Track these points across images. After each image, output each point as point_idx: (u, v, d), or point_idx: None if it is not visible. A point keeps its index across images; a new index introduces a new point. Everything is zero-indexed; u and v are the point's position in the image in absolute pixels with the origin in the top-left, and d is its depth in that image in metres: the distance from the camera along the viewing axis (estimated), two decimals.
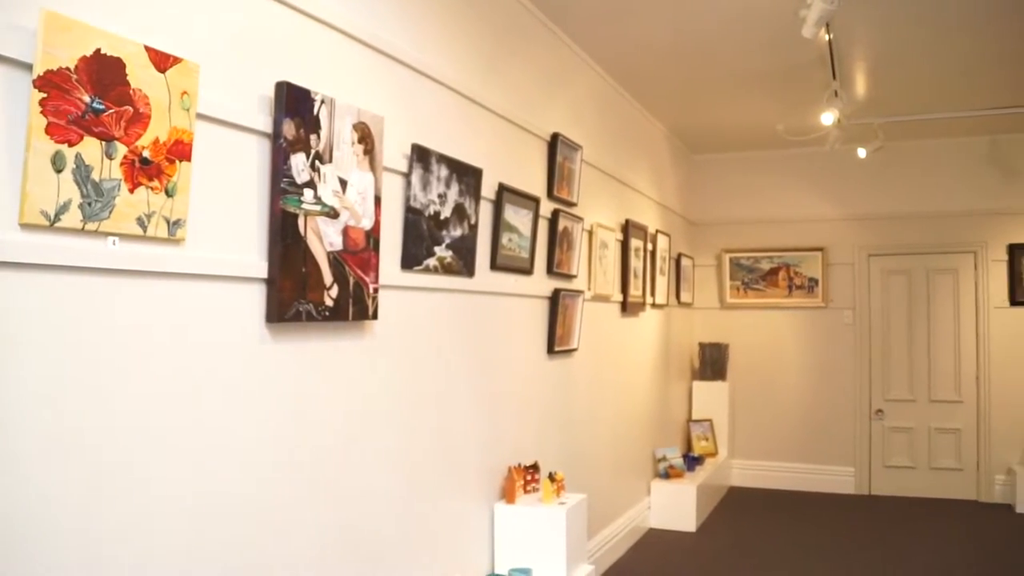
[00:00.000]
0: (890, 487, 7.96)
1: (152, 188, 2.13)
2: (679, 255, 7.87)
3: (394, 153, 3.21)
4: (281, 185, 2.56)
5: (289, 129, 2.59)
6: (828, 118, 5.87)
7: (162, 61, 2.14)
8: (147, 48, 2.10)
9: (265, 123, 2.55)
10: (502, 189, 4.07)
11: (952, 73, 5.79)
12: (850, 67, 5.64)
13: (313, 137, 2.69)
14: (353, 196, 2.89)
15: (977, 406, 7.74)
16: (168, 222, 2.19)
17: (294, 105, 2.61)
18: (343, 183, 2.83)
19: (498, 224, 4.06)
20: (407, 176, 3.30)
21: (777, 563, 5.72)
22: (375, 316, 3.02)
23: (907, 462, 7.93)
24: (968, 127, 7.37)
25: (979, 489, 7.69)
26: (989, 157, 7.73)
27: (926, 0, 4.51)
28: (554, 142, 4.76)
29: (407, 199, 3.30)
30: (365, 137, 2.94)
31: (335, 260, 2.79)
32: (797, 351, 8.31)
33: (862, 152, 6.96)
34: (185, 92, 2.21)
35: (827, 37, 4.82)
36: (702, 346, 8.28)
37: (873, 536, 6.43)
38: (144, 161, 2.11)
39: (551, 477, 4.23)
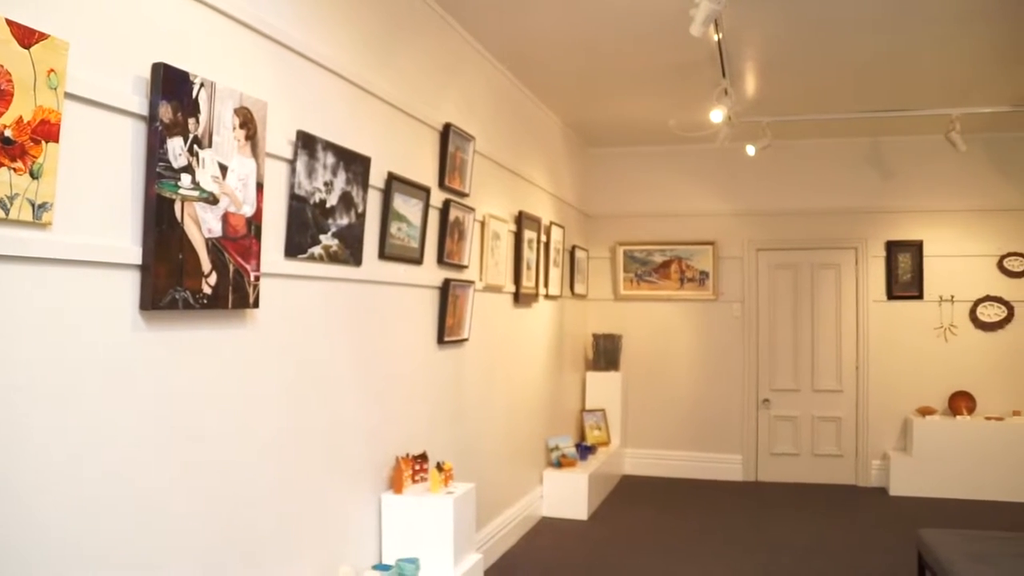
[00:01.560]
0: (776, 473, 8.25)
1: (15, 169, 2.06)
2: (573, 247, 7.96)
3: (278, 139, 3.16)
4: (157, 169, 2.50)
5: (166, 112, 2.52)
6: (717, 115, 6.03)
7: (26, 36, 2.06)
8: (9, 22, 2.02)
9: (141, 105, 2.48)
10: (391, 178, 4.05)
11: (837, 76, 6.02)
12: (739, 66, 5.80)
13: (192, 121, 2.63)
14: (234, 182, 2.83)
15: (856, 395, 8.09)
16: (33, 205, 2.11)
17: (171, 87, 2.55)
18: (223, 168, 2.78)
19: (387, 213, 4.04)
20: (292, 163, 3.25)
21: (666, 548, 5.87)
22: (256, 304, 2.98)
23: (791, 449, 8.24)
24: (851, 128, 7.68)
25: (857, 474, 8.05)
26: (870, 158, 8.07)
27: (812, 4, 4.67)
28: (446, 132, 4.76)
29: (291, 186, 3.25)
30: (247, 122, 2.89)
31: (214, 247, 2.74)
32: (688, 342, 8.52)
33: (751, 149, 7.17)
34: (52, 70, 2.14)
35: (716, 36, 4.94)
36: (596, 337, 8.40)
37: (758, 520, 6.66)
38: (6, 141, 2.03)
39: (439, 467, 4.23)
